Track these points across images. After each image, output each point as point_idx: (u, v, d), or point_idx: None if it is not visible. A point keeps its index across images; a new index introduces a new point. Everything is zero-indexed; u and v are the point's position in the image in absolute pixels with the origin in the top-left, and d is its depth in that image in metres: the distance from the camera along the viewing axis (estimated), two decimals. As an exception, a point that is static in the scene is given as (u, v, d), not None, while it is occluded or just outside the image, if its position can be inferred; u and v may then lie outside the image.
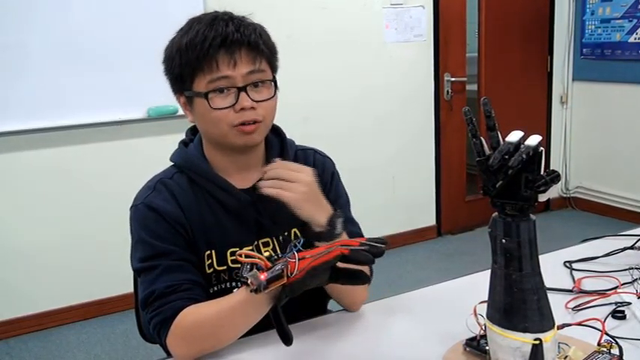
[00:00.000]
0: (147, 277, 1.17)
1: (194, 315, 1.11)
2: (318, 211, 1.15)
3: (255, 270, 0.96)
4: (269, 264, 0.98)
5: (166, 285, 1.14)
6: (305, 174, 1.16)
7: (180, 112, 1.15)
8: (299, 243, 0.98)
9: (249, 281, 0.97)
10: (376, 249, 0.96)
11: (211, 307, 1.11)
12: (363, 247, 0.96)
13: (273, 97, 1.20)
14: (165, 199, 1.20)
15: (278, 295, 0.99)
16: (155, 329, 1.15)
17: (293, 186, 1.13)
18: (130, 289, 1.47)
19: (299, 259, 0.96)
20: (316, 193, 1.16)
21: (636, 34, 3.96)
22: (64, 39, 2.86)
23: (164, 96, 2.93)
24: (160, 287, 1.14)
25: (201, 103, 1.16)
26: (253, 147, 1.23)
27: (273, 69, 1.23)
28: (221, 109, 1.15)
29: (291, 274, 0.95)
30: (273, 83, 1.20)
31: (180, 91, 1.21)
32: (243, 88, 1.15)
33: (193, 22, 1.18)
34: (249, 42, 1.16)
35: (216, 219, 1.23)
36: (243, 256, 0.98)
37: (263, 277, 0.96)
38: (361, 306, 1.29)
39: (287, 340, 0.99)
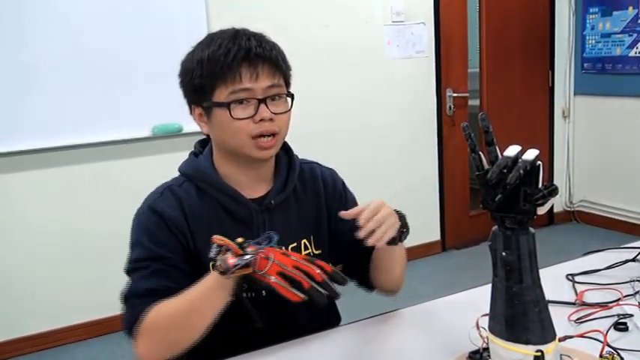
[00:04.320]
0: (134, 275, 1.19)
1: (159, 311, 1.12)
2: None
3: (227, 254, 1.02)
4: (239, 251, 1.03)
5: (149, 287, 1.15)
6: (378, 204, 1.18)
7: (185, 130, 1.17)
8: (273, 240, 1.04)
9: (217, 264, 1.03)
10: (334, 295, 1.04)
11: (178, 299, 1.11)
12: (324, 288, 1.03)
13: (289, 110, 1.24)
14: (170, 205, 1.22)
15: (238, 281, 1.05)
16: (127, 327, 1.16)
17: (388, 223, 1.16)
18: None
19: (272, 262, 1.02)
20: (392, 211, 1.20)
21: (636, 48, 3.98)
22: (71, 59, 2.90)
23: (169, 114, 3.03)
24: (142, 287, 1.16)
25: (221, 113, 1.18)
26: (266, 160, 1.26)
27: (288, 85, 1.26)
28: (241, 119, 1.17)
29: (258, 270, 1.02)
30: (289, 98, 1.24)
31: (198, 102, 1.22)
32: (263, 100, 1.18)
33: (214, 37, 1.21)
34: (270, 57, 1.19)
35: (223, 228, 1.22)
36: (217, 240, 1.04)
37: (232, 262, 1.01)
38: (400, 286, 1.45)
39: (256, 321, 1.10)
